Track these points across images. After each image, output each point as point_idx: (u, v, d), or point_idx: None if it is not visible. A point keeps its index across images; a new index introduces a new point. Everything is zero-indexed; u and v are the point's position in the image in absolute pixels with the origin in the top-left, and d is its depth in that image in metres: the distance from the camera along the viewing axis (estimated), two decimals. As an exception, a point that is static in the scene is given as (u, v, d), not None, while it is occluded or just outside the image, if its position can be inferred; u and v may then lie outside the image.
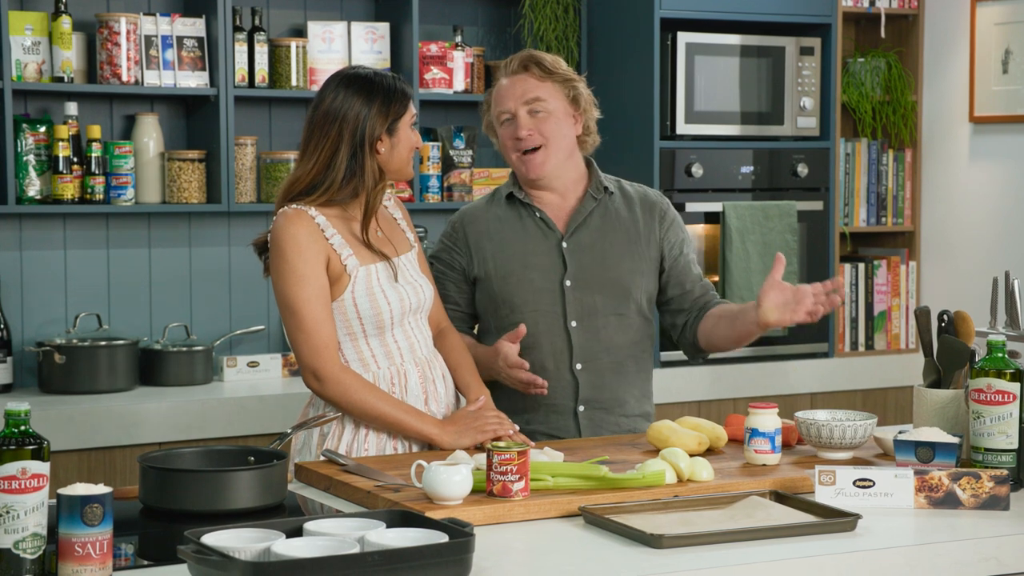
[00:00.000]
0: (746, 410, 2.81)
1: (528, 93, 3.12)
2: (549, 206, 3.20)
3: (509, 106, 3.14)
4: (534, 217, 3.19)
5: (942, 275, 5.28)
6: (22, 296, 4.40)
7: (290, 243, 2.90)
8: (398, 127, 2.97)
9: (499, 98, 3.16)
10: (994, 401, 2.64)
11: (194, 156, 4.46)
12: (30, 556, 2.02)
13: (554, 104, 3.13)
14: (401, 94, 2.99)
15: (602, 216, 3.18)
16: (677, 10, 4.78)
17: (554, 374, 3.14)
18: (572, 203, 3.19)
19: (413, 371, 2.99)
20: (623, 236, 3.17)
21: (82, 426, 3.99)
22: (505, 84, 3.16)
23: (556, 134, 3.13)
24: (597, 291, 3.14)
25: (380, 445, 2.95)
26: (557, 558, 2.22)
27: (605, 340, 3.14)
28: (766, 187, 4.99)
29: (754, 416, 2.76)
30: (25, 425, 2.04)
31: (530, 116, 3.12)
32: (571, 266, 3.15)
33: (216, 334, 4.61)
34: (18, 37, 4.24)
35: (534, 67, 3.13)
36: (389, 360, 2.97)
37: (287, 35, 4.71)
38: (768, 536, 2.29)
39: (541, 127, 3.12)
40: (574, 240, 3.16)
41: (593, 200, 3.18)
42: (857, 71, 5.25)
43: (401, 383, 2.97)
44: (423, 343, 3.04)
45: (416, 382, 2.99)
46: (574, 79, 3.17)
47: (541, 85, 3.13)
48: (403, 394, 2.97)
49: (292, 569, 1.94)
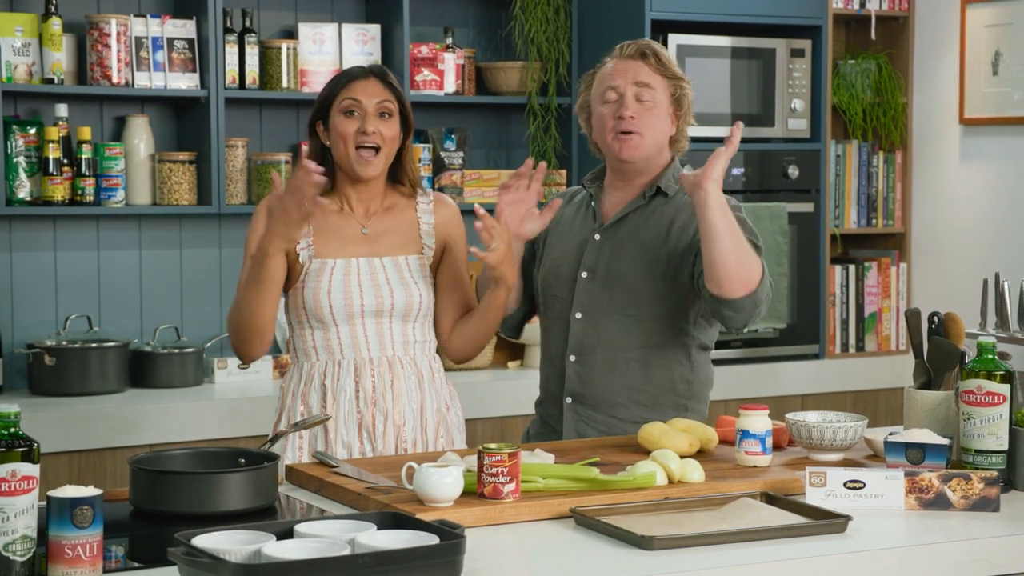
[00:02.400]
0: (737, 412, 2.81)
1: (641, 77, 3.10)
2: (611, 199, 3.18)
3: (619, 83, 3.10)
4: (588, 206, 3.20)
5: (933, 277, 5.29)
6: (12, 298, 4.39)
7: (253, 220, 3.04)
8: (330, 113, 3.01)
9: (608, 75, 3.13)
10: (984, 403, 2.65)
11: (185, 158, 4.45)
12: (20, 558, 2.01)
13: (661, 96, 3.11)
14: (344, 76, 3.03)
15: (644, 215, 3.14)
16: (668, 12, 4.78)
17: (554, 360, 3.16)
18: (631, 199, 3.17)
19: (349, 368, 3.00)
20: (652, 237, 3.12)
21: (72, 428, 3.98)
22: (618, 65, 3.13)
23: (655, 126, 3.11)
24: (609, 287, 3.11)
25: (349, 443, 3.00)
26: (548, 559, 2.22)
27: (605, 337, 3.11)
28: (757, 189, 5.00)
29: (745, 418, 2.76)
30: (15, 427, 2.03)
31: (637, 100, 3.10)
32: (590, 259, 3.13)
33: (207, 336, 4.61)
34: (8, 39, 4.23)
35: (651, 56, 3.12)
36: (329, 354, 3.01)
37: (278, 36, 4.71)
38: (759, 538, 2.29)
39: (644, 115, 3.09)
40: (608, 234, 3.14)
41: (643, 198, 3.15)
42: (848, 73, 5.26)
43: (333, 375, 3.00)
44: (377, 345, 3.03)
45: (350, 379, 3.00)
46: (683, 80, 3.15)
47: (654, 75, 3.11)
48: (333, 386, 2.99)
49: (283, 571, 1.94)
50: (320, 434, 3.01)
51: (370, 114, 2.98)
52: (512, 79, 4.92)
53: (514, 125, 5.08)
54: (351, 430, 3.01)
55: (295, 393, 3.04)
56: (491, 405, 4.35)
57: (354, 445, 3.00)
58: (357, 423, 3.01)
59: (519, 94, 4.93)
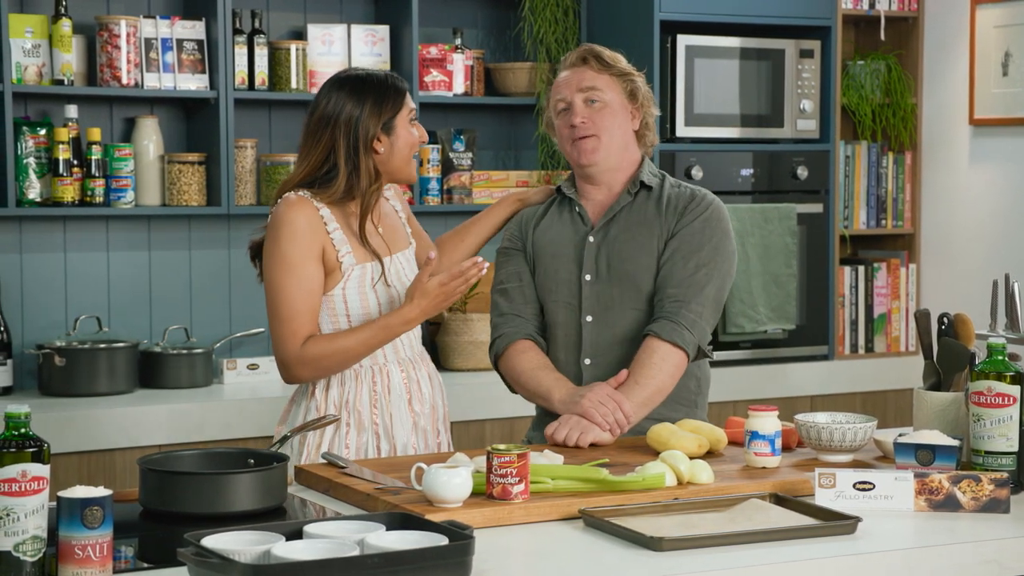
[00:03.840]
0: (746, 413, 2.80)
1: (584, 83, 3.12)
2: (592, 201, 3.19)
3: (565, 94, 3.14)
4: (573, 211, 3.20)
5: (942, 278, 5.28)
6: (22, 299, 4.40)
7: (286, 229, 2.91)
8: (394, 124, 2.99)
9: (557, 88, 3.17)
10: (994, 404, 2.64)
11: (194, 159, 4.46)
12: (30, 559, 2.02)
13: (610, 96, 3.12)
14: (394, 90, 3.00)
15: (632, 211, 3.15)
16: (677, 13, 4.78)
17: (564, 367, 3.14)
18: (614, 199, 3.18)
19: (396, 371, 3.01)
20: (645, 231, 3.13)
21: (82, 429, 3.99)
22: (564, 76, 3.17)
23: (611, 126, 3.12)
24: (615, 284, 3.12)
25: (361, 443, 2.98)
26: (557, 560, 2.22)
27: (620, 334, 3.12)
28: (766, 190, 4.99)
29: (754, 419, 2.75)
30: (25, 428, 2.04)
31: (585, 105, 3.12)
32: (591, 261, 3.14)
33: (216, 337, 4.61)
34: (18, 40, 4.24)
35: (592, 60, 3.14)
36: (372, 359, 2.99)
37: (287, 37, 4.71)
38: (768, 539, 2.29)
39: (596, 117, 3.11)
40: (602, 234, 3.15)
41: (628, 195, 3.16)
42: (857, 73, 5.25)
43: (384, 382, 3.00)
44: (407, 344, 3.06)
45: (399, 381, 3.01)
46: (632, 74, 3.16)
47: (598, 77, 3.13)
48: (386, 393, 2.99)
49: (292, 572, 1.94)
50: (371, 440, 2.99)
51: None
52: (521, 80, 4.92)
53: (523, 126, 5.08)
54: (407, 429, 3.02)
55: (338, 405, 3.01)
56: (499, 406, 4.35)
57: (410, 445, 3.02)
58: (412, 424, 3.03)
59: (528, 95, 4.93)
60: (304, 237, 2.91)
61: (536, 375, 3.09)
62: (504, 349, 3.15)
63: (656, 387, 3.02)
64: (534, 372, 3.10)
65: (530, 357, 3.12)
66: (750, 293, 4.85)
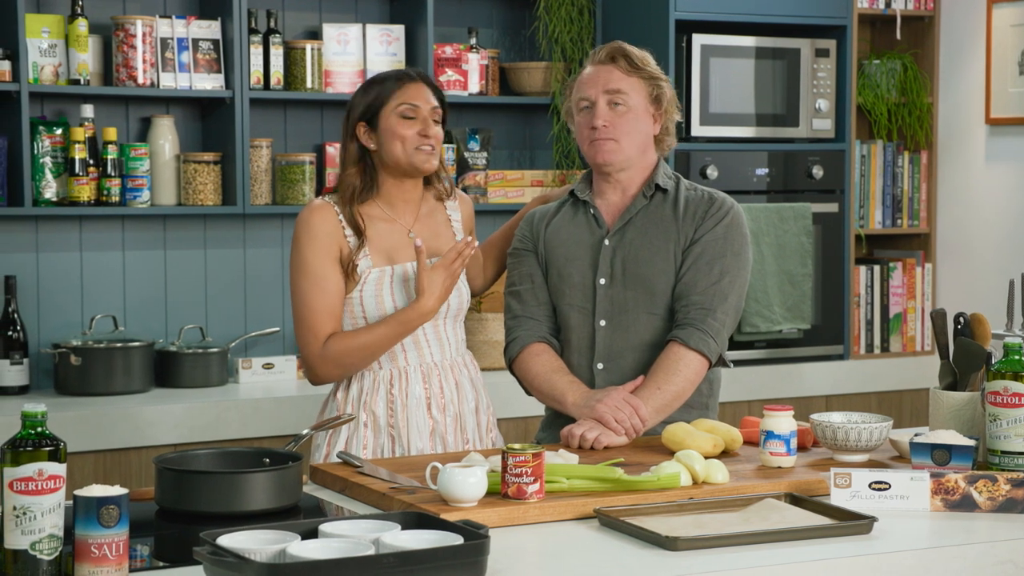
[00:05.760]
0: (761, 412, 2.80)
1: (611, 84, 3.08)
2: (607, 203, 3.17)
3: (590, 94, 3.10)
4: (588, 212, 3.18)
5: (958, 277, 5.26)
6: (38, 298, 4.41)
7: (304, 233, 2.98)
8: (379, 117, 2.99)
9: (581, 84, 3.13)
10: (1011, 404, 2.64)
11: (209, 158, 4.47)
12: (47, 557, 2.02)
13: (635, 99, 3.09)
14: (388, 81, 3.01)
15: (648, 214, 3.13)
16: (692, 12, 4.78)
17: (578, 370, 3.13)
18: (629, 201, 3.16)
19: (417, 377, 3.01)
20: (661, 234, 3.10)
21: (98, 428, 4.00)
22: (590, 72, 3.13)
23: (632, 130, 3.09)
24: (630, 288, 3.10)
25: (378, 443, 2.98)
26: (572, 560, 2.22)
27: (634, 337, 3.10)
28: (781, 189, 4.99)
29: (769, 418, 2.75)
30: (42, 427, 2.04)
31: (609, 108, 3.08)
32: (606, 264, 3.12)
33: (231, 336, 4.62)
34: (35, 40, 4.25)
35: (621, 59, 3.10)
36: (392, 362, 3.00)
37: (302, 37, 4.72)
38: (783, 539, 2.29)
39: (618, 121, 3.08)
40: (618, 237, 3.13)
41: (644, 198, 3.14)
42: (872, 73, 5.24)
43: (401, 385, 3.00)
44: (437, 349, 3.05)
45: (418, 385, 3.00)
46: (659, 78, 3.13)
47: (625, 79, 3.09)
48: (403, 398, 2.99)
49: (307, 571, 1.95)
50: (387, 443, 3.00)
51: (427, 118, 3.00)
52: (536, 79, 4.92)
53: (538, 125, 5.08)
54: (423, 436, 3.02)
55: (356, 404, 3.03)
56: (514, 405, 4.35)
57: (427, 451, 3.01)
58: (430, 429, 3.03)
59: (543, 94, 4.93)
60: (321, 240, 2.95)
61: (550, 378, 3.09)
62: (518, 353, 3.15)
63: (675, 393, 3.02)
64: (548, 376, 3.09)
65: (544, 360, 3.12)
66: (765, 293, 4.84)
